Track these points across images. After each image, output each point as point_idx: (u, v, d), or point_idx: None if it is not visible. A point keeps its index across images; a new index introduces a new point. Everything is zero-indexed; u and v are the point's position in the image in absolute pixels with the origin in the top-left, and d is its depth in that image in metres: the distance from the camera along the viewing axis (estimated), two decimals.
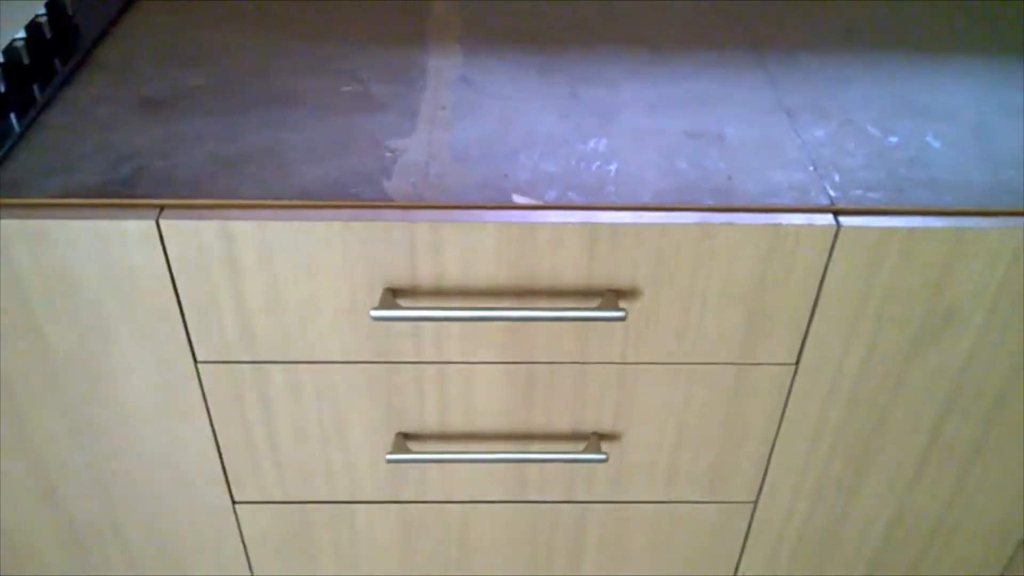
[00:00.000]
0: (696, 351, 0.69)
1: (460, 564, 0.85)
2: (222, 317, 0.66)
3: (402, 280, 0.64)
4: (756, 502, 0.80)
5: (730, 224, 0.62)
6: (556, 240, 0.62)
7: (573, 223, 0.61)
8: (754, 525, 0.81)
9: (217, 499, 0.78)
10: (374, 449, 0.75)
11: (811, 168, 0.67)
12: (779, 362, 0.70)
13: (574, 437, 0.74)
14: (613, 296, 0.64)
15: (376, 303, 0.65)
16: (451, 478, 0.77)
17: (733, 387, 0.71)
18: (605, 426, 0.74)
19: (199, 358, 0.68)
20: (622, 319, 0.62)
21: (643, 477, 0.77)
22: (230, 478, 0.76)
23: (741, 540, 0.83)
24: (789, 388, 0.71)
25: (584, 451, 0.72)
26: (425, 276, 0.64)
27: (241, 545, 0.82)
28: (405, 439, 0.74)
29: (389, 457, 0.72)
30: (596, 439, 0.73)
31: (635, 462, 0.76)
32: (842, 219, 0.63)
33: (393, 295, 0.65)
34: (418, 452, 0.72)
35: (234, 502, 0.78)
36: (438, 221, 0.61)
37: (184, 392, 0.70)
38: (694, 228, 0.62)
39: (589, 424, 0.73)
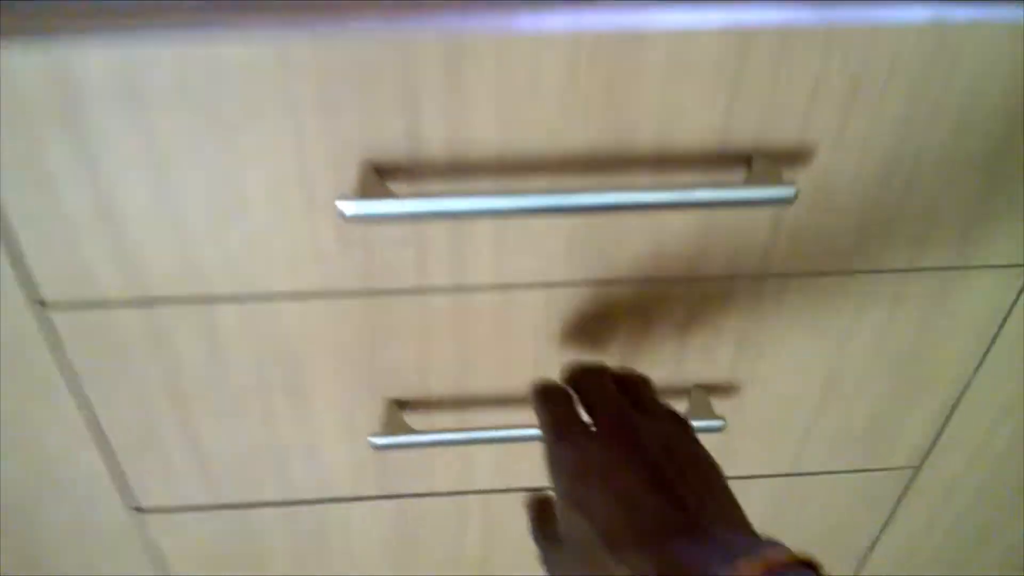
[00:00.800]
0: (883, 252, 0.42)
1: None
2: (74, 228, 0.37)
3: (395, 147, 0.36)
4: (919, 467, 0.55)
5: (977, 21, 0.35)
6: (674, 61, 0.34)
7: (706, 28, 0.34)
8: (908, 495, 0.57)
9: (112, 509, 0.50)
10: (352, 425, 0.48)
11: None
12: (1005, 263, 0.43)
13: (665, 392, 0.48)
14: (771, 163, 0.37)
15: (351, 189, 0.37)
16: (471, 458, 0.51)
17: (928, 310, 0.45)
18: (716, 375, 0.47)
19: (44, 299, 0.40)
20: (789, 201, 0.35)
21: (764, 444, 0.51)
22: (129, 480, 0.49)
23: (884, 517, 0.58)
24: (1009, 309, 0.45)
25: (688, 414, 0.46)
26: (434, 138, 0.36)
27: (157, 568, 0.55)
28: (400, 409, 0.47)
29: (376, 441, 0.45)
30: (703, 395, 0.47)
31: (756, 425, 0.50)
32: None
33: (379, 175, 0.36)
34: (421, 431, 0.45)
35: (139, 510, 0.51)
36: (459, 29, 0.33)
37: (27, 354, 0.42)
38: (919, 30, 0.34)
39: (691, 374, 0.47)
